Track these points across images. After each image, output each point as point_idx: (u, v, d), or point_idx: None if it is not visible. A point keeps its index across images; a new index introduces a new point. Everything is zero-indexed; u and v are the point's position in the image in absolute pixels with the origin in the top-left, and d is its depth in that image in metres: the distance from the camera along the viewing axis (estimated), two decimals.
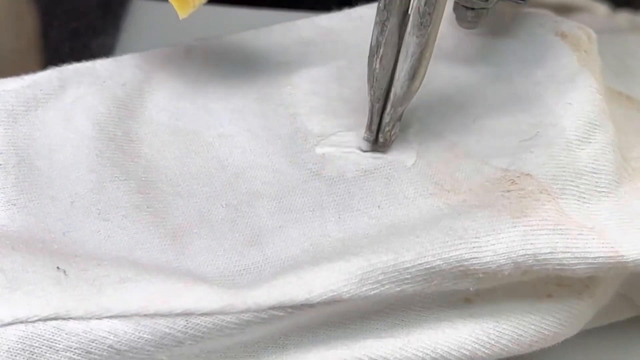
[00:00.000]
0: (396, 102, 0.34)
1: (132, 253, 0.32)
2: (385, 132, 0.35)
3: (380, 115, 0.35)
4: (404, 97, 0.34)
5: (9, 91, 0.35)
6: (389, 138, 0.35)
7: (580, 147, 0.34)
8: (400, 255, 0.30)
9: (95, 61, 0.38)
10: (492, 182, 0.33)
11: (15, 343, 0.27)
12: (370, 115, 0.35)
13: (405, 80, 0.33)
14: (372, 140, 0.35)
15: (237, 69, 0.39)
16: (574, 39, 0.38)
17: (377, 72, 0.33)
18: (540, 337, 0.32)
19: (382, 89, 0.34)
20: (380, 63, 0.33)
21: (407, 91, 0.34)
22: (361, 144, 0.35)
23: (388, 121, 0.34)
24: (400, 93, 0.34)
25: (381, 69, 0.33)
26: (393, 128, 0.35)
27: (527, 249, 0.31)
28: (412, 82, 0.33)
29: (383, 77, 0.34)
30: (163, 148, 0.36)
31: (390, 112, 0.34)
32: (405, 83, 0.33)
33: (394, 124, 0.35)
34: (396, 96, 0.34)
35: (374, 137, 0.35)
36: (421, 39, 0.32)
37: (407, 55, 0.33)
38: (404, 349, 0.31)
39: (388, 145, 0.35)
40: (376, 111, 0.34)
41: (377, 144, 0.35)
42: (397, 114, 0.34)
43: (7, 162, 0.34)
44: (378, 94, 0.34)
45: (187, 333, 0.28)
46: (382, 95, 0.34)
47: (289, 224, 0.33)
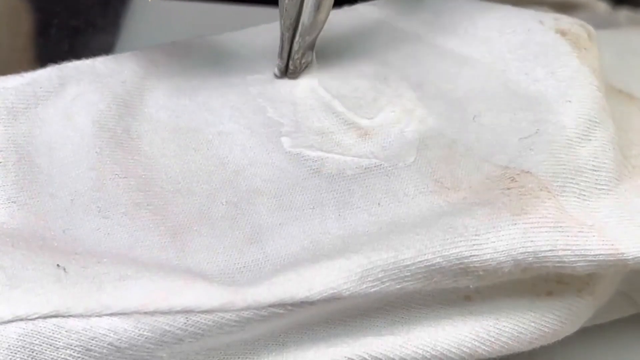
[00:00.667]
0: (304, 32, 0.37)
1: (132, 251, 0.32)
2: (295, 59, 0.37)
3: (290, 44, 0.37)
4: (310, 26, 0.36)
5: (9, 89, 0.35)
6: (298, 66, 0.38)
7: (581, 144, 0.34)
8: (401, 253, 0.30)
9: (95, 59, 0.38)
10: (492, 180, 0.33)
11: (15, 341, 0.27)
12: (281, 43, 0.37)
13: (311, 11, 0.36)
14: (283, 68, 0.38)
15: (237, 66, 0.39)
16: (574, 36, 0.38)
17: (286, 3, 0.36)
18: (540, 335, 0.32)
19: (291, 18, 0.36)
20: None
21: (314, 21, 0.36)
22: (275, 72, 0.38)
23: (297, 49, 0.37)
24: (307, 23, 0.36)
25: (290, 0, 0.36)
26: (302, 57, 0.37)
27: (527, 247, 0.31)
28: (318, 13, 0.36)
29: (292, 8, 0.36)
30: (163, 145, 0.36)
31: (299, 41, 0.37)
32: (311, 14, 0.36)
33: (303, 52, 0.37)
34: (304, 26, 0.36)
35: (284, 64, 0.38)
36: None
37: None
38: (404, 346, 0.31)
39: (298, 73, 0.38)
40: (286, 40, 0.37)
41: (288, 72, 0.38)
42: (306, 43, 0.37)
43: (7, 159, 0.34)
44: (287, 23, 0.37)
45: (187, 330, 0.28)
46: (292, 25, 0.37)
47: (289, 221, 0.33)
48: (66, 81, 0.36)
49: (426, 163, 0.35)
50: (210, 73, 0.39)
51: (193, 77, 0.38)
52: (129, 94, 0.37)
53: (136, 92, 0.37)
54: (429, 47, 0.40)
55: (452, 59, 0.39)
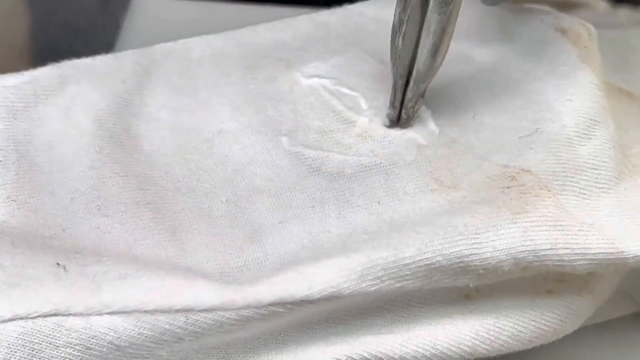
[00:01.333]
0: (418, 79, 0.35)
1: (132, 249, 0.32)
2: (408, 108, 0.35)
3: (403, 92, 0.35)
4: (426, 73, 0.34)
5: (9, 87, 0.35)
6: (411, 114, 0.36)
7: (581, 143, 0.34)
8: (400, 252, 0.30)
9: (95, 57, 0.38)
10: (492, 178, 0.33)
11: (15, 339, 0.27)
12: (393, 92, 0.35)
13: (427, 57, 0.34)
14: (395, 117, 0.36)
15: (237, 65, 0.39)
16: (574, 34, 0.38)
17: (399, 49, 0.34)
18: (540, 333, 0.32)
19: (404, 65, 0.35)
20: (402, 40, 0.34)
21: (430, 68, 0.34)
22: (385, 122, 0.36)
23: (410, 97, 0.35)
24: (422, 69, 0.34)
25: (404, 46, 0.34)
26: (415, 104, 0.35)
27: (527, 245, 0.31)
28: (435, 59, 0.34)
29: (405, 54, 0.34)
30: (163, 144, 0.36)
31: (413, 88, 0.35)
32: (427, 60, 0.34)
33: (416, 100, 0.35)
34: (419, 73, 0.34)
35: (397, 113, 0.36)
36: (443, 16, 0.33)
37: (429, 33, 0.33)
38: (404, 345, 0.31)
39: (411, 122, 0.36)
40: (399, 88, 0.35)
41: (400, 121, 0.36)
42: (420, 91, 0.35)
43: (7, 158, 0.34)
44: (401, 70, 0.35)
45: (187, 329, 0.28)
46: (405, 72, 0.35)
47: (289, 220, 0.33)
48: (66, 80, 0.36)
49: (426, 162, 0.35)
50: (210, 72, 0.39)
51: (193, 76, 0.38)
52: (129, 93, 0.37)
53: (136, 91, 0.37)
54: None
55: (452, 57, 0.39)
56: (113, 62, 0.38)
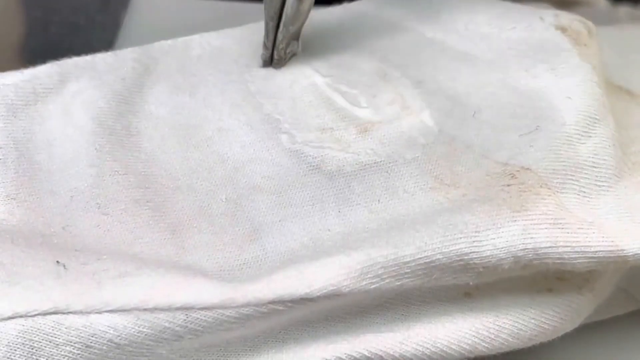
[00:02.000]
0: (287, 22, 0.38)
1: (132, 247, 0.32)
2: (280, 49, 0.38)
3: (275, 34, 0.38)
4: (294, 16, 0.37)
5: (8, 85, 0.35)
6: (283, 56, 0.39)
7: (581, 141, 0.34)
8: (400, 250, 0.30)
9: (95, 55, 0.38)
10: (492, 176, 0.33)
11: (15, 337, 0.27)
12: (265, 33, 0.38)
13: (294, 2, 0.37)
14: (268, 58, 0.38)
15: (236, 62, 0.39)
16: (574, 32, 0.38)
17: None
18: (540, 331, 0.32)
19: (275, 8, 0.37)
20: None
21: (297, 11, 0.37)
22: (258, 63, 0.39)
23: (281, 39, 0.38)
24: (290, 13, 0.37)
25: None
26: (287, 46, 0.38)
27: (527, 243, 0.31)
28: (301, 3, 0.37)
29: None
30: (163, 142, 0.36)
31: (283, 30, 0.38)
32: (294, 4, 0.37)
33: (287, 41, 0.38)
34: (287, 16, 0.37)
35: (269, 54, 0.38)
36: None
37: None
38: (404, 343, 0.31)
39: (283, 63, 0.39)
40: (270, 29, 0.38)
41: (273, 62, 0.39)
42: (289, 32, 0.38)
43: (7, 156, 0.34)
44: (271, 13, 0.37)
45: (187, 327, 0.28)
46: (275, 15, 0.37)
47: (289, 218, 0.33)
48: (66, 78, 0.36)
49: (426, 159, 0.35)
50: (210, 70, 0.39)
51: (192, 74, 0.38)
52: (129, 91, 0.37)
53: (136, 88, 0.37)
54: (429, 43, 0.40)
55: (452, 55, 0.39)
56: (113, 60, 0.38)
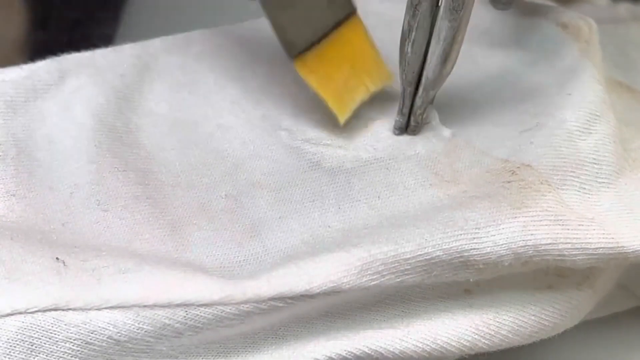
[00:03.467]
0: (428, 86, 0.34)
1: (132, 244, 0.32)
2: (417, 115, 0.35)
3: (412, 99, 0.35)
4: (435, 80, 0.34)
5: (8, 82, 0.35)
6: (420, 121, 0.35)
7: (581, 137, 0.34)
8: (400, 246, 0.30)
9: (94, 51, 0.38)
10: (493, 173, 0.33)
11: (14, 334, 0.27)
12: (402, 99, 0.35)
13: (437, 64, 0.34)
14: (404, 125, 0.35)
15: (237, 59, 0.39)
16: (575, 29, 0.38)
17: (408, 56, 0.34)
18: (540, 328, 0.32)
19: (413, 72, 0.34)
20: (412, 47, 0.34)
21: (439, 75, 0.34)
22: (393, 129, 0.36)
23: (420, 104, 0.35)
24: (432, 77, 0.34)
25: (413, 53, 0.34)
26: (425, 111, 0.35)
27: (528, 240, 0.31)
28: (444, 66, 0.34)
29: (415, 61, 0.34)
30: (162, 139, 0.36)
31: (422, 95, 0.35)
32: (437, 67, 0.34)
33: (425, 107, 0.35)
34: (428, 80, 0.34)
35: (405, 120, 0.35)
36: (453, 22, 0.33)
37: (440, 39, 0.33)
38: (404, 340, 0.31)
39: (420, 129, 0.36)
40: (408, 95, 0.35)
41: (409, 128, 0.36)
42: (429, 97, 0.35)
43: (6, 153, 0.34)
44: (410, 77, 0.34)
45: (186, 324, 0.28)
46: (414, 79, 0.35)
47: (289, 214, 0.33)
48: (65, 74, 0.36)
49: (426, 156, 0.35)
50: (210, 66, 0.39)
51: (193, 70, 0.38)
52: (129, 87, 0.37)
53: (135, 85, 0.37)
54: None
55: None
56: (112, 56, 0.38)
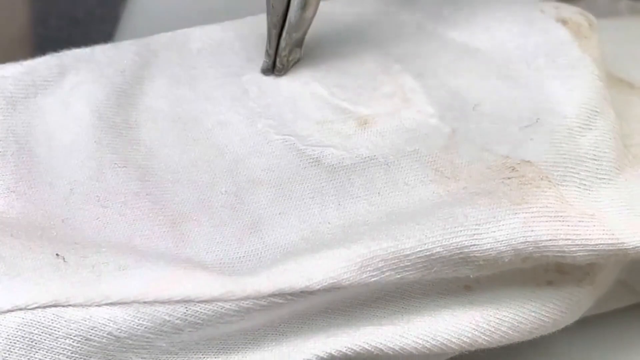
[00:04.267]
0: (291, 29, 0.37)
1: (132, 240, 0.32)
2: (282, 57, 0.38)
3: (277, 41, 0.37)
4: (297, 24, 0.37)
5: (7, 77, 0.35)
6: (285, 63, 0.38)
7: (581, 133, 0.34)
8: (401, 242, 0.30)
9: (94, 47, 0.38)
10: (493, 169, 0.33)
11: (14, 330, 0.27)
12: (268, 41, 0.38)
13: (298, 9, 0.36)
14: (270, 65, 0.38)
15: (237, 55, 0.39)
16: (575, 25, 0.38)
17: (273, 0, 0.36)
18: (540, 324, 0.32)
19: (278, 15, 0.37)
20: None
21: (300, 19, 0.37)
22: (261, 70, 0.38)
23: (284, 46, 0.37)
24: (294, 20, 0.37)
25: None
26: (290, 54, 0.38)
27: (528, 236, 0.31)
28: (304, 11, 0.36)
29: (279, 5, 0.37)
30: (162, 135, 0.36)
31: (286, 37, 0.37)
32: (298, 11, 0.36)
33: (290, 49, 0.37)
34: (290, 23, 0.37)
35: (271, 61, 0.38)
36: None
37: None
38: (404, 336, 0.31)
39: (285, 70, 0.38)
40: (273, 37, 0.37)
41: (275, 69, 0.38)
42: (292, 40, 0.37)
43: (6, 149, 0.34)
44: (274, 20, 0.37)
45: (186, 320, 0.28)
46: (278, 22, 0.37)
47: (289, 211, 0.33)
48: (65, 70, 0.36)
49: (426, 152, 0.35)
50: (210, 63, 0.39)
51: (192, 66, 0.38)
52: (128, 84, 0.37)
53: (135, 81, 0.37)
54: (430, 36, 0.40)
55: (452, 48, 0.39)
56: (112, 52, 0.38)
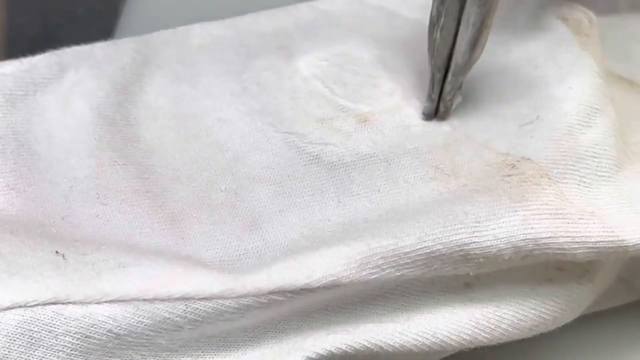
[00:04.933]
0: (457, 72, 0.35)
1: (131, 237, 0.32)
2: (447, 101, 0.35)
3: (441, 85, 0.35)
4: (464, 66, 0.34)
5: (7, 75, 0.35)
6: (449, 107, 0.36)
7: (581, 131, 0.34)
8: (400, 240, 0.30)
9: (94, 45, 0.38)
10: (493, 167, 0.33)
11: (14, 328, 0.27)
12: (431, 85, 0.35)
13: (466, 50, 0.34)
14: (433, 111, 0.36)
15: (237, 52, 0.39)
16: (575, 22, 0.38)
17: (437, 42, 0.34)
18: (540, 322, 0.32)
19: (442, 58, 0.34)
20: (440, 33, 0.34)
21: (469, 60, 0.34)
22: (422, 115, 0.36)
23: (449, 90, 0.35)
24: (461, 62, 0.34)
25: (442, 38, 0.34)
26: (454, 97, 0.35)
27: (528, 234, 0.31)
28: (474, 51, 0.34)
29: (443, 47, 0.34)
30: (162, 132, 0.36)
31: (452, 81, 0.35)
32: (466, 52, 0.34)
33: (454, 93, 0.35)
34: (457, 65, 0.34)
35: (434, 106, 0.36)
36: (482, 8, 0.33)
37: (468, 25, 0.33)
38: (404, 333, 0.31)
39: (448, 115, 0.36)
40: (437, 81, 0.35)
41: (438, 114, 0.36)
42: (458, 83, 0.35)
43: (6, 147, 0.34)
44: (439, 63, 0.35)
45: (186, 318, 0.28)
46: (443, 65, 0.35)
47: (289, 208, 0.33)
48: (65, 67, 0.36)
49: (426, 150, 0.35)
50: (210, 60, 0.38)
51: (193, 63, 0.38)
52: (128, 81, 0.37)
53: (135, 78, 0.37)
54: None
55: None
56: (112, 49, 0.38)
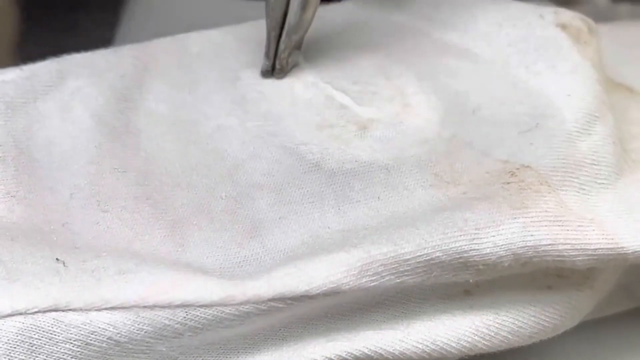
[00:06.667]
0: (290, 31, 0.37)
1: (132, 244, 0.32)
2: (282, 59, 0.38)
3: (277, 43, 0.38)
4: (297, 25, 0.37)
5: (8, 82, 0.35)
6: (285, 65, 0.38)
7: (580, 138, 0.34)
8: (400, 247, 0.30)
9: (94, 52, 0.38)
10: (492, 174, 0.33)
11: (14, 335, 0.27)
12: (267, 43, 0.38)
13: (297, 10, 0.37)
14: (270, 68, 0.38)
15: (236, 60, 0.39)
16: (575, 30, 0.38)
17: (272, 2, 0.37)
18: (540, 329, 0.32)
19: (277, 18, 0.37)
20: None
21: (300, 20, 0.37)
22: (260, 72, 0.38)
23: (283, 48, 0.38)
24: (294, 22, 0.37)
25: None
26: (289, 56, 0.38)
27: (527, 241, 0.31)
28: (304, 12, 0.37)
29: (278, 8, 0.37)
30: (162, 139, 0.36)
31: (285, 40, 0.37)
32: (297, 12, 0.37)
33: (289, 51, 0.38)
34: (290, 25, 0.37)
35: (271, 64, 0.38)
36: None
37: None
38: (404, 341, 0.31)
39: (285, 73, 0.38)
40: (272, 39, 0.38)
41: (274, 71, 0.38)
42: (292, 42, 0.38)
43: (6, 154, 0.34)
44: (274, 22, 0.37)
45: (186, 325, 0.28)
46: (277, 24, 0.37)
47: (289, 215, 0.33)
48: (65, 75, 0.36)
49: (426, 157, 0.35)
50: (210, 67, 0.39)
51: (192, 70, 0.38)
52: (128, 88, 0.37)
53: (135, 85, 0.37)
54: (429, 41, 0.40)
55: (452, 52, 0.39)
56: (112, 56, 0.38)
